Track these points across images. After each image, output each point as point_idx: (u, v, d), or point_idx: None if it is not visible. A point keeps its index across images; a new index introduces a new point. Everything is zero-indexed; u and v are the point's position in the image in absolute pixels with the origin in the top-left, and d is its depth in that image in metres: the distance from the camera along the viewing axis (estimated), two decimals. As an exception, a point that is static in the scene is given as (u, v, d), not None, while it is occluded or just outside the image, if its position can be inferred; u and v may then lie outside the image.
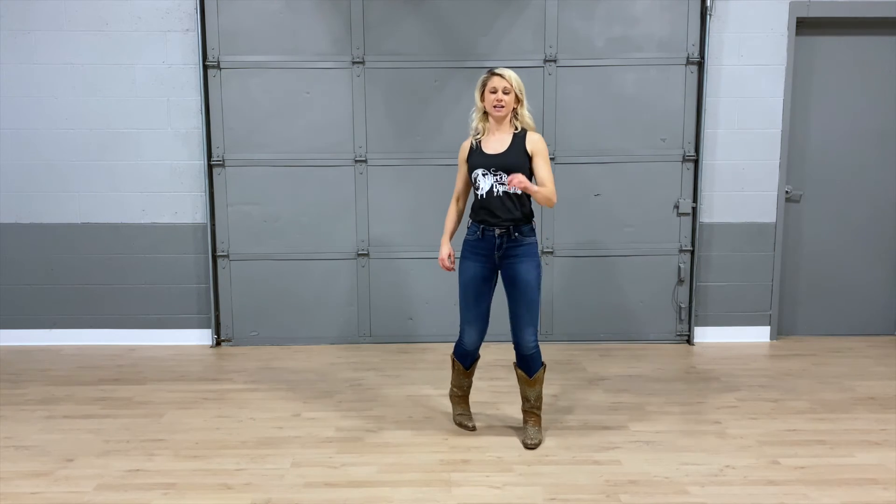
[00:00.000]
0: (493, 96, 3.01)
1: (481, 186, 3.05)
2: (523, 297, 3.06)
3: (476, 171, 3.06)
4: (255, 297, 4.71)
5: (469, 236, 3.13)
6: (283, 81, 4.52)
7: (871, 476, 2.89)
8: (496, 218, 3.04)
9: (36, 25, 4.46)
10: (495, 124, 3.09)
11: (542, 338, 4.76)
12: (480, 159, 3.06)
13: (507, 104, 3.02)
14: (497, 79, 3.02)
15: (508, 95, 3.02)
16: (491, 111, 3.04)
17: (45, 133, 4.56)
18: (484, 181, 3.04)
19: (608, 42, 4.52)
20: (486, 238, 3.07)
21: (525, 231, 3.07)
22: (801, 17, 4.51)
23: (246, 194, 4.63)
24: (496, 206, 3.03)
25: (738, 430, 3.33)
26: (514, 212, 3.04)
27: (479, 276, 3.11)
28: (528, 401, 3.20)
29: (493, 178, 3.02)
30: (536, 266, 3.09)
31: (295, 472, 2.93)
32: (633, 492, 2.76)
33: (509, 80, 3.01)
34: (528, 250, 3.07)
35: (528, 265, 3.06)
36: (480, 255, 3.09)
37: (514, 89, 3.02)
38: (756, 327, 4.79)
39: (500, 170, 3.01)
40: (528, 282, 3.05)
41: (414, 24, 4.50)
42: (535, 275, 3.07)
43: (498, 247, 3.06)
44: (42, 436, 3.30)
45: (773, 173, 4.64)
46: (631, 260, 4.71)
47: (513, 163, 3.01)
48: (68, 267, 4.67)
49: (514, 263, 3.06)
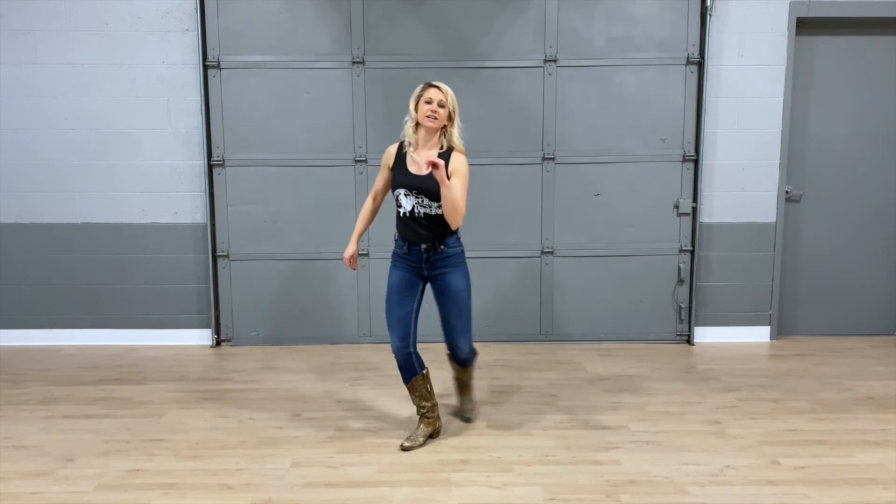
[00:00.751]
0: (428, 107, 3.01)
1: (403, 206, 3.06)
2: (455, 306, 3.11)
3: (398, 190, 3.07)
4: (255, 297, 4.71)
5: (396, 248, 3.16)
6: (283, 81, 4.52)
7: (871, 476, 2.89)
8: (418, 236, 3.06)
9: (36, 25, 4.46)
10: (425, 136, 3.07)
11: (542, 338, 4.78)
12: (404, 178, 3.05)
13: (440, 117, 3.02)
14: (433, 90, 3.03)
15: (443, 109, 3.02)
16: (423, 121, 3.03)
17: (45, 133, 4.56)
18: (406, 201, 3.05)
19: (608, 42, 4.52)
20: (412, 253, 3.09)
21: (450, 243, 3.09)
22: (801, 17, 4.51)
23: (246, 194, 4.63)
24: (419, 226, 3.05)
25: (738, 430, 3.33)
26: (435, 229, 3.05)
27: (404, 284, 3.10)
28: (461, 381, 3.44)
29: (416, 199, 3.03)
30: (465, 275, 3.13)
31: (295, 472, 2.93)
32: (633, 492, 2.76)
33: (445, 95, 3.02)
34: (454, 261, 3.11)
35: (456, 275, 3.10)
36: (409, 266, 3.12)
37: (448, 104, 3.03)
38: (756, 327, 4.79)
39: (421, 193, 3.01)
40: (459, 290, 3.10)
41: (414, 24, 4.50)
42: (465, 284, 3.12)
43: (425, 260, 3.08)
44: (42, 436, 3.30)
45: (773, 173, 4.64)
46: (631, 260, 4.71)
47: (434, 187, 2.96)
48: (68, 267, 4.67)
49: (442, 275, 3.09)
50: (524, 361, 4.39)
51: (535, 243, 4.70)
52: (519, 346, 4.70)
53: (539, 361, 4.39)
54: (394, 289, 3.11)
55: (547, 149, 4.60)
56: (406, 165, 3.07)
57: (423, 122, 3.03)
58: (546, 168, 4.62)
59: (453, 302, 3.11)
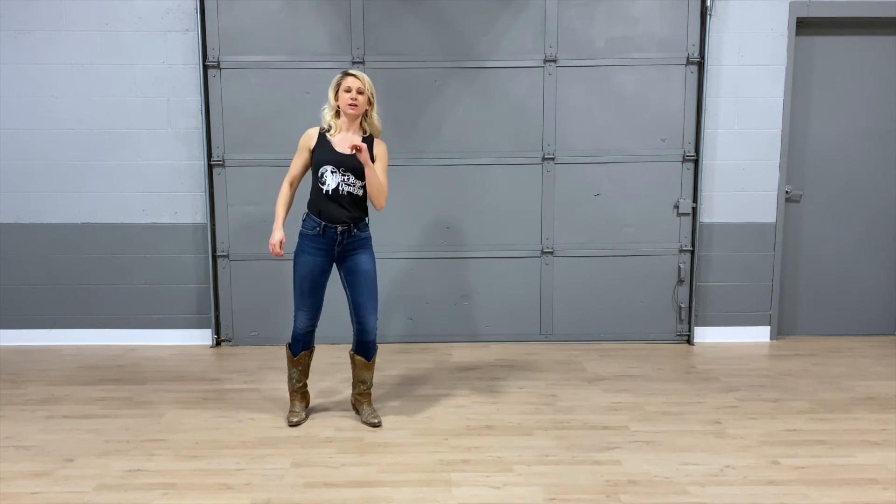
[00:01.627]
0: (348, 95, 3.15)
1: (328, 183, 3.16)
2: (366, 285, 3.25)
3: (325, 167, 3.17)
4: (255, 297, 4.71)
5: (307, 230, 3.23)
6: (283, 81, 4.52)
7: (871, 476, 2.89)
8: (339, 214, 3.18)
9: (36, 25, 4.46)
10: (347, 123, 3.21)
11: (542, 338, 4.78)
12: (330, 155, 3.18)
13: (360, 104, 3.17)
14: (351, 79, 3.16)
15: (362, 96, 3.16)
16: (345, 109, 3.16)
17: (45, 133, 4.56)
18: (332, 178, 3.17)
19: (608, 42, 4.52)
20: (326, 234, 3.20)
21: (361, 227, 3.27)
22: (801, 17, 4.51)
23: (246, 194, 4.63)
24: (342, 204, 3.18)
25: (738, 430, 3.33)
26: (355, 210, 3.21)
27: (318, 270, 3.24)
28: (364, 384, 3.43)
29: (342, 177, 3.17)
30: (373, 258, 3.31)
31: (295, 472, 2.93)
32: (633, 492, 2.76)
33: (363, 82, 3.17)
34: (365, 243, 3.28)
35: (366, 256, 3.27)
36: (319, 249, 3.22)
37: (367, 91, 3.17)
38: (756, 327, 4.79)
39: (348, 170, 3.17)
40: (369, 271, 3.26)
41: (414, 24, 4.50)
42: (374, 265, 3.30)
43: (338, 243, 3.21)
44: (42, 436, 3.30)
45: (773, 173, 4.64)
46: (631, 260, 4.71)
47: (360, 166, 3.14)
48: (68, 267, 4.67)
49: (354, 255, 3.24)
50: (524, 361, 4.39)
51: (535, 243, 4.70)
52: (519, 346, 4.70)
53: (539, 361, 4.39)
54: (306, 277, 3.23)
55: (547, 149, 4.60)
56: (332, 145, 3.20)
57: (345, 110, 3.17)
58: (546, 168, 4.62)
59: (364, 282, 3.24)
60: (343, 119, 3.22)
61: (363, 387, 3.45)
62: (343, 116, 3.21)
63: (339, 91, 3.19)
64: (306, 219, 3.25)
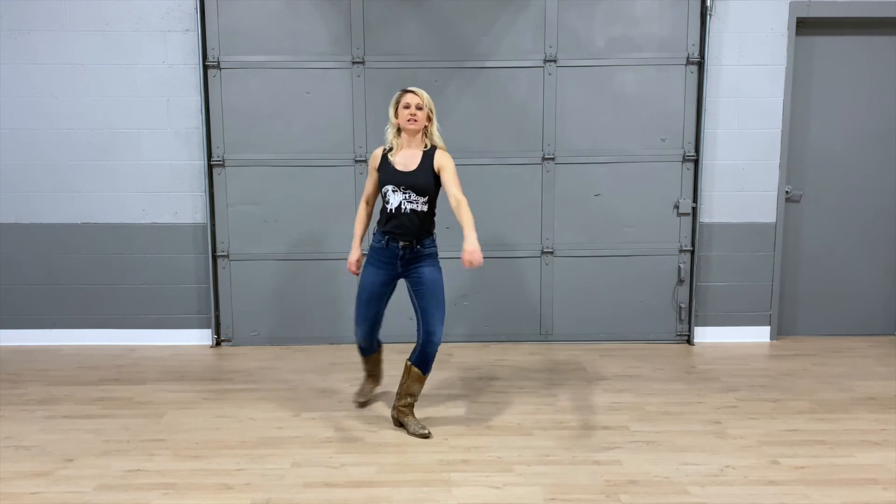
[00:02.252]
0: (407, 111, 3.19)
1: (391, 201, 3.22)
2: (434, 295, 3.24)
3: (386, 187, 3.23)
4: (255, 297, 4.71)
5: (375, 244, 3.31)
6: (283, 81, 4.52)
7: (871, 476, 2.89)
8: (401, 232, 3.22)
9: (36, 25, 4.46)
10: (407, 139, 3.25)
11: (542, 338, 4.78)
12: (390, 175, 3.23)
13: (419, 119, 3.20)
14: (410, 95, 3.21)
15: (421, 111, 3.20)
16: (405, 125, 3.21)
17: (45, 133, 4.56)
18: (393, 197, 3.22)
19: (608, 42, 4.52)
20: (389, 248, 3.25)
21: (426, 244, 3.27)
22: (801, 17, 4.51)
23: (246, 194, 4.63)
24: (404, 222, 3.21)
25: (738, 430, 3.33)
26: (418, 228, 3.23)
27: (378, 282, 3.31)
28: (412, 396, 3.36)
29: (403, 195, 3.21)
30: (439, 270, 3.29)
31: (295, 472, 2.93)
32: (633, 492, 2.76)
33: (421, 98, 3.21)
34: (430, 257, 3.29)
35: (432, 268, 3.27)
36: (383, 262, 3.28)
37: (425, 107, 3.22)
38: (756, 327, 4.79)
39: (408, 188, 3.20)
40: (436, 281, 3.26)
41: (414, 24, 4.50)
42: (440, 277, 3.28)
43: (401, 257, 3.24)
44: (42, 436, 3.30)
45: (773, 173, 4.64)
46: (631, 260, 4.71)
47: (422, 182, 3.19)
48: (68, 267, 4.67)
49: (418, 268, 3.25)
50: (524, 361, 4.39)
51: (535, 243, 4.70)
52: (519, 346, 4.70)
53: (539, 361, 4.39)
54: (366, 287, 3.32)
55: (547, 149, 4.60)
56: (392, 164, 3.24)
57: (405, 126, 3.21)
58: (546, 168, 4.62)
59: (428, 291, 3.24)
60: (404, 136, 3.26)
61: (410, 399, 3.35)
62: (403, 133, 3.25)
63: (398, 108, 3.23)
64: (375, 233, 3.33)
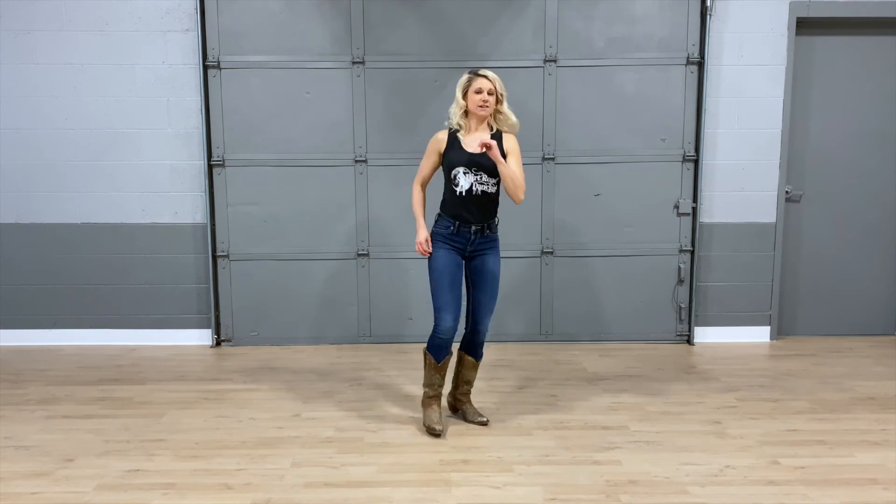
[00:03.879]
0: (479, 97, 3.13)
1: (461, 184, 3.16)
2: (490, 287, 3.25)
3: (457, 169, 3.16)
4: (255, 297, 4.71)
5: (441, 230, 3.22)
6: (283, 81, 4.52)
7: (871, 476, 2.89)
8: (473, 215, 3.18)
9: (36, 25, 4.46)
10: (476, 123, 3.20)
11: (542, 338, 4.78)
12: (461, 156, 3.16)
13: (490, 104, 3.15)
14: (482, 80, 3.14)
15: (492, 97, 3.15)
16: (475, 111, 3.15)
17: (45, 133, 4.56)
18: (464, 179, 3.15)
19: (608, 42, 4.52)
20: (460, 233, 3.19)
21: (494, 228, 3.26)
22: (801, 17, 4.51)
23: (246, 194, 4.63)
24: (476, 205, 3.17)
25: (738, 430, 3.33)
26: (489, 210, 3.21)
27: (454, 263, 3.21)
28: (468, 384, 3.42)
29: (475, 177, 3.15)
30: (499, 260, 3.30)
31: (295, 472, 2.93)
32: (633, 492, 2.76)
33: (493, 82, 3.14)
34: (495, 245, 3.28)
35: (495, 258, 3.27)
36: (454, 245, 3.22)
37: (497, 91, 3.16)
38: (756, 327, 4.79)
39: (480, 170, 3.14)
40: (495, 273, 3.26)
41: (414, 24, 4.50)
42: (499, 268, 3.29)
43: (471, 241, 3.20)
44: (42, 436, 3.30)
45: (773, 173, 4.64)
46: (631, 260, 4.71)
47: (492, 163, 3.12)
48: (68, 267, 4.67)
49: (483, 255, 3.24)
50: (524, 361, 4.39)
51: (535, 243, 4.70)
52: (519, 346, 4.70)
53: (539, 361, 4.39)
54: (446, 269, 3.18)
55: (547, 149, 4.60)
56: (462, 146, 3.17)
57: (476, 112, 3.15)
58: (546, 168, 4.62)
59: (488, 283, 3.24)
60: (472, 118, 3.19)
61: (467, 387, 3.43)
62: (472, 116, 3.19)
63: (468, 92, 3.16)
64: (439, 219, 3.25)
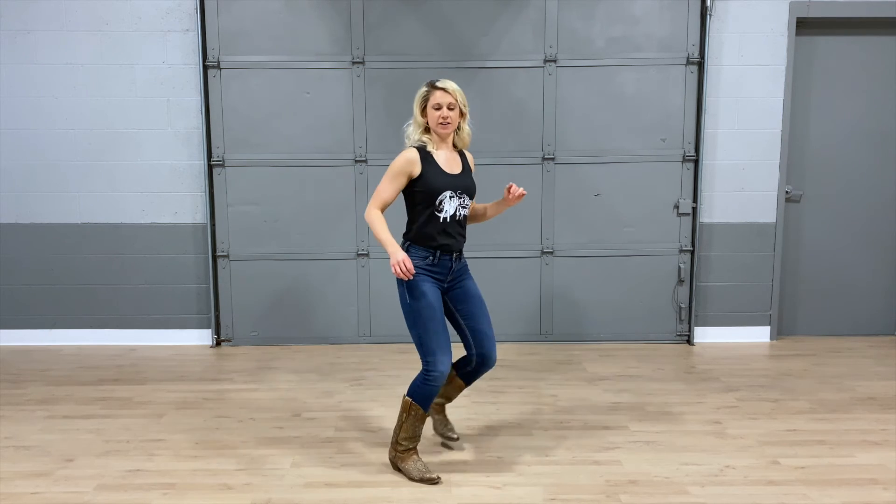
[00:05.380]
0: (438, 113, 2.79)
1: (446, 209, 2.82)
2: (484, 312, 2.96)
3: (443, 194, 2.80)
4: (255, 297, 4.71)
5: (418, 261, 2.81)
6: (283, 81, 4.52)
7: (871, 476, 2.89)
8: (455, 241, 2.87)
9: (36, 25, 4.46)
10: (439, 140, 2.86)
11: (542, 338, 4.78)
12: (445, 179, 2.81)
13: (452, 120, 2.81)
14: (440, 93, 2.79)
15: (453, 111, 2.81)
16: (436, 129, 2.81)
17: (45, 133, 4.56)
18: (449, 204, 2.83)
19: (608, 42, 4.52)
20: (440, 263, 2.85)
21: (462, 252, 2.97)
22: (801, 17, 4.51)
23: (246, 194, 4.63)
24: (457, 230, 2.87)
25: (738, 430, 3.33)
26: (464, 233, 2.92)
27: (439, 298, 2.86)
28: (448, 399, 3.15)
29: (459, 200, 2.85)
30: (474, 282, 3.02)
31: (295, 472, 2.93)
32: (633, 492, 2.76)
33: (454, 95, 2.80)
34: (467, 268, 2.99)
35: (472, 281, 2.98)
36: (435, 278, 2.86)
37: (458, 104, 2.81)
38: (756, 327, 4.79)
39: (464, 192, 2.86)
40: (480, 296, 2.97)
41: (414, 24, 4.50)
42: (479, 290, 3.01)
43: (451, 270, 2.88)
44: (42, 436, 3.30)
45: (773, 173, 4.64)
46: (631, 260, 4.71)
47: (473, 185, 2.91)
48: (68, 267, 4.67)
49: (462, 281, 2.94)
50: (524, 361, 4.39)
51: (535, 243, 4.70)
52: (519, 346, 4.70)
53: (539, 361, 4.39)
54: (436, 307, 2.80)
55: (547, 149, 4.60)
56: (441, 167, 2.83)
57: (437, 130, 2.82)
58: (546, 168, 4.62)
59: (481, 308, 2.94)
60: (434, 137, 2.85)
61: (442, 400, 3.14)
62: (433, 134, 2.85)
63: (426, 107, 2.83)
64: (411, 250, 2.84)
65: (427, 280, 2.82)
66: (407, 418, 2.85)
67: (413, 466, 2.87)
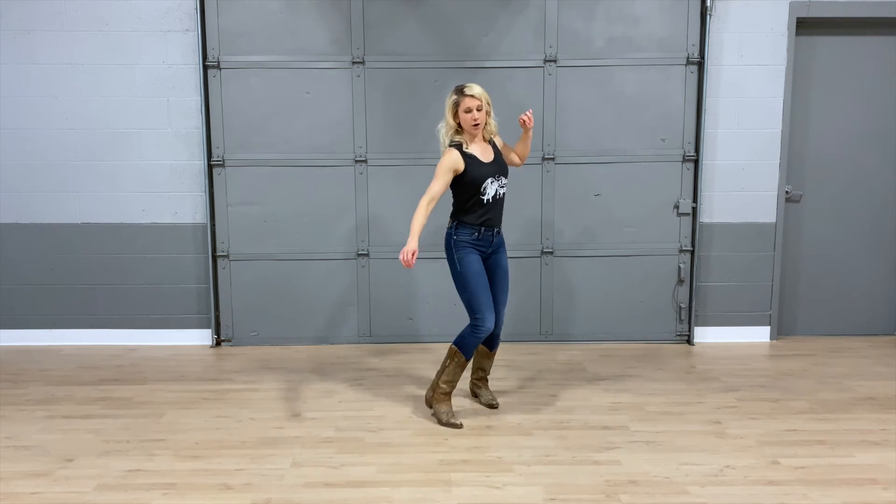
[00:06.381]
0: (469, 116, 3.24)
1: (488, 192, 3.32)
2: (506, 282, 3.50)
3: (487, 181, 3.30)
4: (255, 297, 4.71)
5: (464, 237, 3.35)
6: (283, 81, 4.52)
7: (871, 476, 2.89)
8: (497, 218, 3.41)
9: (36, 25, 4.46)
10: (471, 137, 3.33)
11: (542, 338, 4.78)
12: (485, 169, 3.31)
13: (481, 120, 3.28)
14: (469, 99, 3.23)
15: (481, 112, 3.27)
16: (470, 130, 3.28)
17: (45, 133, 4.56)
18: (491, 188, 3.33)
19: (608, 42, 4.52)
20: (483, 238, 3.37)
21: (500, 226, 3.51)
22: (801, 17, 4.50)
23: (246, 194, 4.63)
24: (498, 208, 3.40)
25: (738, 430, 3.33)
26: (501, 212, 3.43)
27: (482, 266, 3.39)
28: (483, 370, 3.66)
29: (497, 182, 3.35)
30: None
31: (295, 472, 2.93)
32: (633, 492, 2.76)
33: (481, 99, 3.25)
34: (503, 241, 3.52)
35: (505, 255, 3.51)
36: (479, 249, 3.38)
37: (485, 105, 3.27)
38: (756, 327, 4.79)
39: (501, 174, 3.37)
40: (507, 269, 3.51)
41: (414, 24, 4.50)
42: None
43: (491, 243, 3.41)
44: (42, 436, 3.30)
45: (773, 173, 4.64)
46: (631, 260, 4.71)
47: (506, 166, 3.43)
48: (68, 267, 4.67)
49: (497, 254, 3.46)
50: (524, 361, 4.39)
51: (535, 243, 4.70)
52: (519, 346, 4.70)
53: (539, 361, 4.39)
54: (479, 273, 3.34)
55: (547, 149, 4.60)
56: (479, 158, 3.32)
57: (470, 131, 3.28)
58: (546, 168, 4.62)
59: (504, 279, 3.48)
60: (466, 135, 3.32)
61: (482, 373, 3.66)
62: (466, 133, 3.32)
63: (457, 111, 3.26)
64: (459, 227, 3.35)
65: (472, 252, 3.35)
66: (450, 364, 3.39)
67: (444, 409, 3.41)
